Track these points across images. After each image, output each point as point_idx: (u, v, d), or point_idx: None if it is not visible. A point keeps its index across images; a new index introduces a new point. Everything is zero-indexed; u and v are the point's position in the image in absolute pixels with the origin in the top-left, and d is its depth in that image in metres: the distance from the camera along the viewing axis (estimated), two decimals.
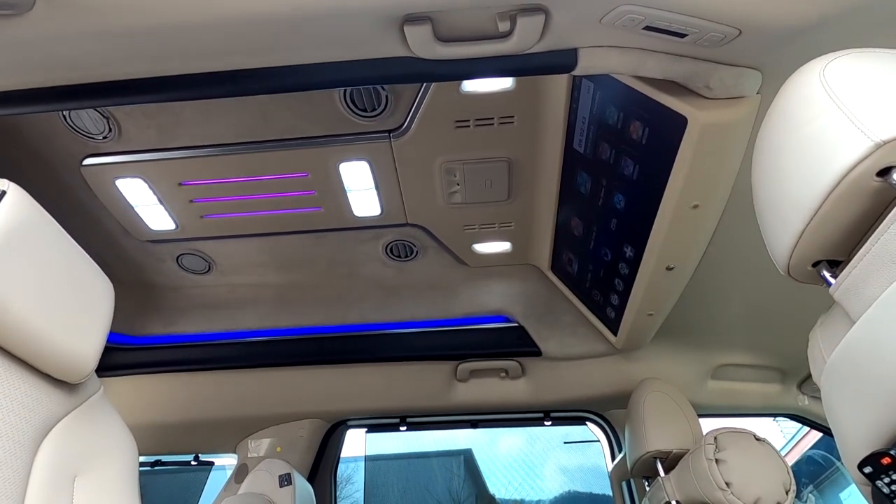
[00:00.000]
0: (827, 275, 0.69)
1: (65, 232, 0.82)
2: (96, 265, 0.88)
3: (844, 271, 0.65)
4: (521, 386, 2.12)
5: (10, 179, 0.77)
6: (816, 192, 0.62)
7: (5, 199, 0.72)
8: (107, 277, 0.90)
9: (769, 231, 0.73)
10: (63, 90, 1.01)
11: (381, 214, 1.77)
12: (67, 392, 0.80)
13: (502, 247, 1.94)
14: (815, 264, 0.70)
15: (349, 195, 1.70)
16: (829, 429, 2.12)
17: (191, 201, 1.72)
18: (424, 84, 1.41)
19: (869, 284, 0.61)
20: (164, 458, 2.35)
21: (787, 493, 1.29)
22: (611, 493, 2.19)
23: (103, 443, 0.81)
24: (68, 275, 0.79)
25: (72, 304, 0.78)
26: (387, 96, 1.44)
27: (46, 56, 0.91)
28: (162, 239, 1.87)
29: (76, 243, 0.85)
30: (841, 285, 0.66)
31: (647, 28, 0.88)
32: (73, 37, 0.86)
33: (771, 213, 0.72)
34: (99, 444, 0.81)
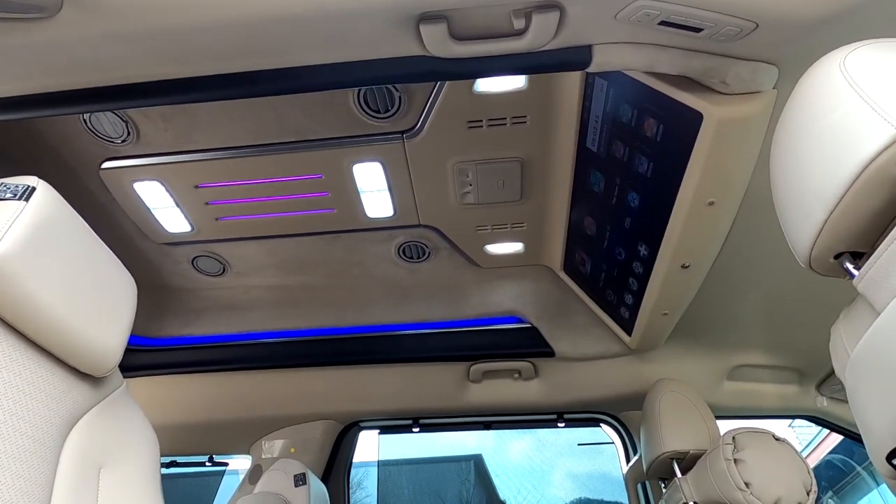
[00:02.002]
0: (850, 266, 0.68)
1: (90, 228, 0.84)
2: (119, 262, 0.90)
3: (868, 262, 0.65)
4: (535, 387, 2.11)
5: None
6: (839, 182, 0.61)
7: (35, 194, 0.74)
8: (129, 274, 0.91)
9: (789, 223, 0.73)
10: (85, 93, 1.03)
11: (393, 215, 1.78)
12: (92, 386, 0.81)
13: (514, 247, 1.94)
14: (836, 256, 0.70)
15: (362, 196, 1.72)
16: (848, 430, 2.09)
17: (206, 203, 1.74)
18: (437, 84, 1.42)
19: (894, 274, 0.61)
20: (179, 459, 2.37)
21: (808, 494, 1.27)
22: (621, 499, 2.17)
23: (127, 437, 0.83)
24: (93, 270, 0.81)
25: (97, 299, 0.80)
26: (400, 97, 1.45)
27: (70, 59, 0.94)
28: (177, 241, 1.90)
29: (101, 240, 0.86)
30: (865, 276, 0.65)
31: (663, 23, 0.88)
32: (97, 39, 0.88)
33: (791, 205, 0.71)
34: (123, 438, 0.82)
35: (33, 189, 0.75)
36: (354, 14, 0.87)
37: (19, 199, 0.73)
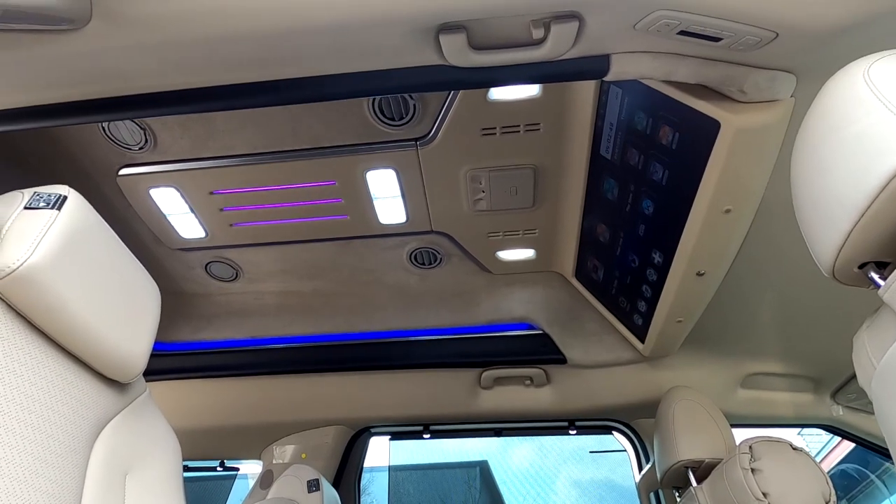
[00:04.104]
0: (875, 276, 0.68)
1: (117, 236, 0.85)
2: (144, 269, 0.91)
3: (895, 273, 0.64)
4: (546, 394, 2.10)
5: None
6: (865, 192, 0.61)
7: (67, 204, 0.75)
8: (153, 281, 0.92)
9: (812, 233, 0.73)
10: (108, 102, 1.05)
11: (406, 222, 1.79)
12: (118, 391, 0.82)
13: (526, 254, 1.94)
14: (861, 266, 0.69)
15: (375, 203, 1.72)
16: (864, 440, 2.06)
17: (221, 210, 1.76)
18: (451, 92, 1.43)
19: None
20: (190, 464, 2.38)
21: None
22: None
23: (151, 442, 0.84)
24: (121, 278, 0.82)
25: (125, 306, 0.81)
26: (414, 105, 1.46)
27: (96, 69, 0.95)
28: (192, 247, 1.91)
29: (127, 248, 0.88)
30: (891, 287, 0.65)
31: (682, 33, 0.88)
32: (123, 50, 0.89)
33: (815, 215, 0.71)
34: (147, 443, 0.83)
35: (65, 198, 0.76)
36: (375, 25, 0.88)
37: (52, 207, 0.74)
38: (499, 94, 1.42)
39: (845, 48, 0.85)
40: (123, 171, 1.64)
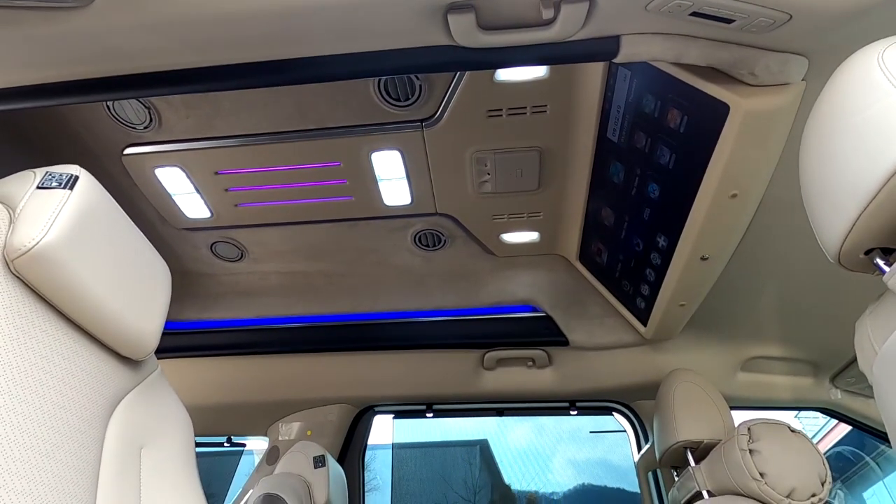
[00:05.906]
0: (880, 262, 0.68)
1: (127, 216, 0.86)
2: (154, 249, 0.92)
3: None
4: (548, 375, 2.13)
5: None
6: (874, 179, 0.61)
7: (79, 183, 0.76)
8: (164, 260, 0.93)
9: (819, 218, 0.73)
10: (113, 81, 1.04)
11: (410, 203, 1.79)
12: (131, 368, 0.84)
13: (530, 237, 1.94)
14: (866, 252, 0.70)
15: (380, 184, 1.72)
16: (861, 423, 2.08)
17: (226, 190, 1.76)
18: (458, 73, 1.42)
19: None
20: (198, 440, 2.43)
21: (822, 485, 1.28)
22: (624, 486, 2.19)
23: (164, 418, 0.86)
24: (132, 256, 0.83)
25: (137, 285, 0.82)
26: (420, 86, 1.45)
27: (101, 47, 0.94)
28: (197, 227, 1.92)
29: (137, 228, 0.88)
30: None
31: (694, 14, 0.87)
32: (128, 28, 0.89)
33: (822, 199, 0.71)
34: (160, 419, 0.85)
35: (76, 178, 0.77)
36: (383, 4, 0.87)
37: (64, 187, 0.75)
38: (505, 75, 1.41)
39: (859, 31, 0.83)
40: (128, 151, 1.64)
